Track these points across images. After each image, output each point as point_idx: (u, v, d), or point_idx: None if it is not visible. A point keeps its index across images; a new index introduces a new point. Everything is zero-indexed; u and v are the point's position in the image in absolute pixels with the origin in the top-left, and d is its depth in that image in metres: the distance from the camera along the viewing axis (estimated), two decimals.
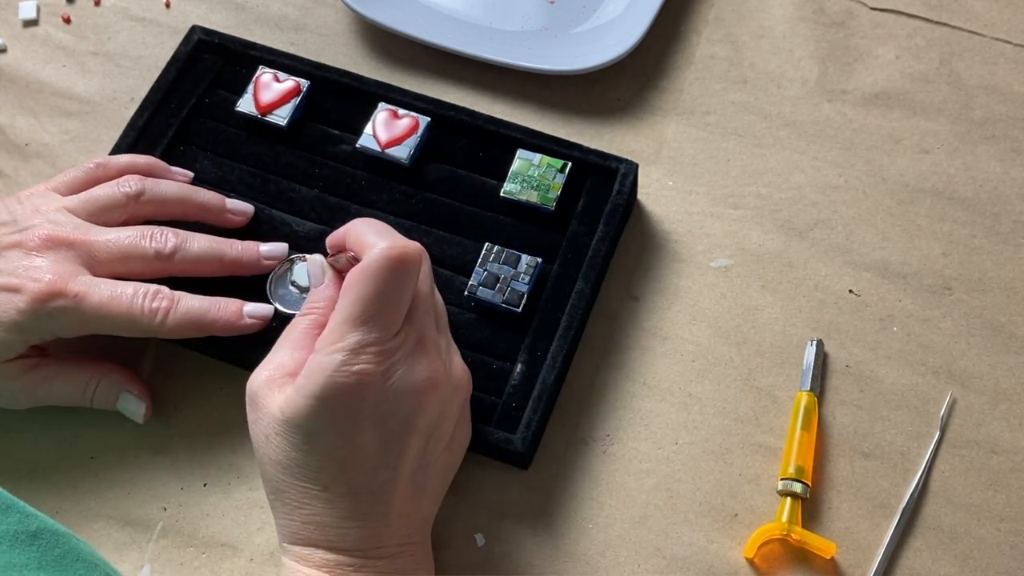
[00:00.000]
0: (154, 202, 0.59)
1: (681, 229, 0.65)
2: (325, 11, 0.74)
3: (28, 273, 0.54)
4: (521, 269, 0.60)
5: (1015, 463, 0.57)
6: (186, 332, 0.56)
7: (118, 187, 0.59)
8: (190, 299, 0.56)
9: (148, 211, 0.59)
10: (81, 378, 0.57)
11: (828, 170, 0.66)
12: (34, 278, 0.54)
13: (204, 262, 0.58)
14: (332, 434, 0.48)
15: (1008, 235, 0.64)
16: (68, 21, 0.73)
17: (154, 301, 0.55)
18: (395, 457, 0.49)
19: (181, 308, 0.56)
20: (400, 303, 0.49)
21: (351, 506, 0.49)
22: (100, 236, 0.57)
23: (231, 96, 0.67)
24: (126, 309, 0.54)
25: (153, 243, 0.57)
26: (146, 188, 0.59)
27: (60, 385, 0.57)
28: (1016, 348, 0.60)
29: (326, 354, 0.48)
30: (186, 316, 0.56)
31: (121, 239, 0.57)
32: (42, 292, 0.53)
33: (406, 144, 0.64)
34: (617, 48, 0.68)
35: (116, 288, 0.55)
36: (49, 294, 0.54)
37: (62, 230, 0.56)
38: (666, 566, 0.55)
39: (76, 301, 0.54)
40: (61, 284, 0.54)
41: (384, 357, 0.48)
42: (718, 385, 0.60)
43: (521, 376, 0.58)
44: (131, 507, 0.58)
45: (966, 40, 0.70)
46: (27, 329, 0.54)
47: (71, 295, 0.54)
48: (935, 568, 0.55)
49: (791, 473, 0.56)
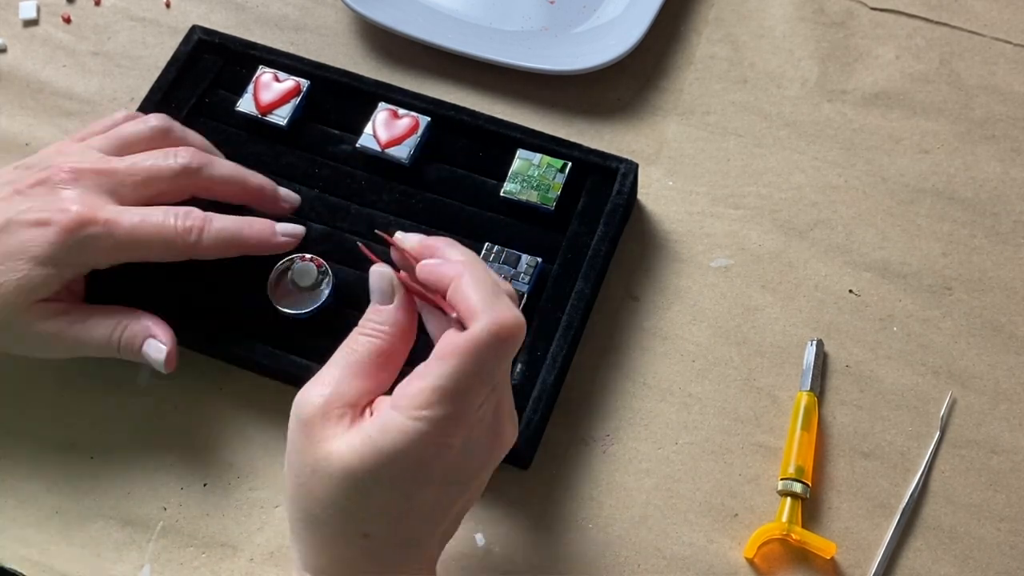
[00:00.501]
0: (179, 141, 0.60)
1: (681, 229, 0.65)
2: (325, 11, 0.74)
3: (56, 205, 0.54)
4: (521, 269, 0.60)
5: (1015, 463, 0.57)
6: (221, 250, 0.56)
7: (143, 123, 0.59)
8: (222, 218, 0.56)
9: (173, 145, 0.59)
10: (110, 321, 0.56)
11: (828, 170, 0.66)
12: (62, 208, 0.54)
13: (228, 183, 0.58)
14: (393, 493, 0.45)
15: (1008, 235, 0.64)
16: (68, 21, 0.74)
17: (187, 220, 0.55)
18: (443, 512, 0.48)
19: (215, 226, 0.56)
20: (494, 379, 0.46)
21: (388, 555, 0.47)
22: (122, 162, 0.57)
23: (231, 96, 0.67)
24: (158, 229, 0.54)
25: (178, 159, 0.57)
26: (173, 126, 0.60)
27: (90, 327, 0.56)
28: (1016, 348, 0.60)
29: (408, 417, 0.44)
30: (221, 233, 0.56)
31: (143, 160, 0.57)
32: (72, 222, 0.53)
33: (406, 144, 0.64)
34: (617, 48, 0.68)
35: (146, 211, 0.55)
36: (79, 223, 0.53)
37: (85, 162, 0.56)
38: (666, 566, 0.55)
39: (107, 227, 0.54)
40: (90, 213, 0.54)
41: (465, 431, 0.46)
42: (718, 385, 0.60)
43: (521, 376, 0.58)
44: (131, 507, 0.58)
45: (966, 40, 0.70)
46: (60, 261, 0.54)
47: (101, 222, 0.54)
48: (935, 568, 0.55)
49: (791, 473, 0.56)
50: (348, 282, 0.60)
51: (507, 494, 0.57)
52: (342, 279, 0.60)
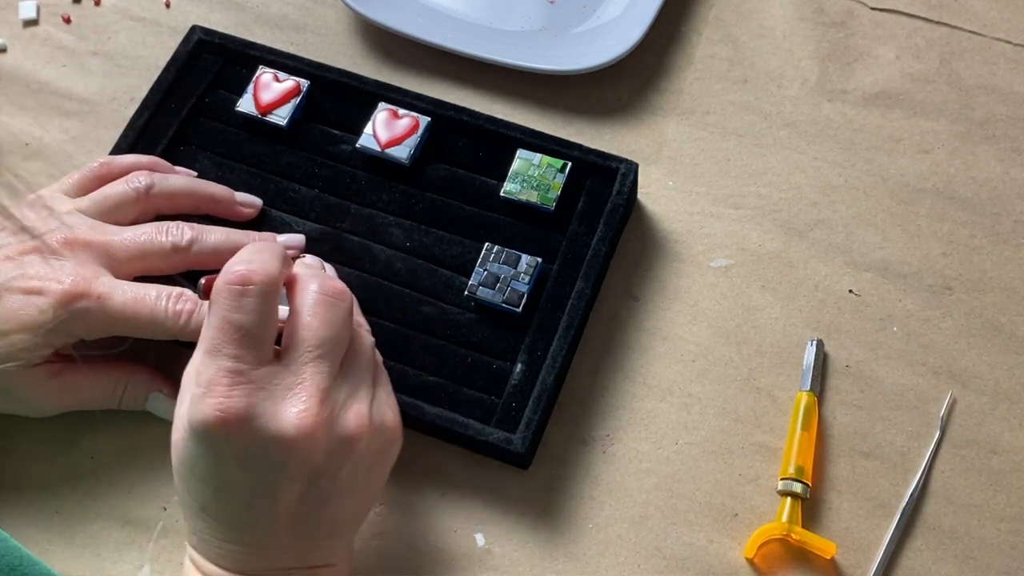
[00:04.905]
0: (164, 195, 0.60)
1: (681, 229, 0.65)
2: (325, 11, 0.74)
3: (50, 275, 0.54)
4: (521, 269, 0.60)
5: (1015, 463, 0.57)
6: None
7: (127, 184, 0.59)
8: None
9: (158, 205, 0.60)
10: (109, 380, 0.57)
11: (828, 170, 0.66)
12: (56, 280, 0.54)
13: (221, 253, 0.58)
14: (203, 464, 0.47)
15: (1008, 235, 0.64)
16: (68, 21, 0.73)
17: (177, 303, 0.55)
18: (266, 498, 0.47)
19: (204, 312, 0.55)
20: (251, 329, 0.47)
21: (226, 531, 0.48)
22: (116, 235, 0.57)
23: (231, 96, 0.67)
24: (149, 311, 0.54)
25: (169, 236, 0.57)
26: (155, 182, 0.59)
27: (88, 388, 0.57)
28: (1016, 348, 0.60)
29: (193, 384, 0.47)
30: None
31: (138, 236, 0.57)
32: (65, 293, 0.53)
33: (406, 144, 0.64)
34: (617, 48, 0.68)
35: (139, 290, 0.55)
36: (72, 295, 0.53)
37: (79, 232, 0.56)
38: (666, 566, 0.55)
39: (100, 302, 0.54)
40: (84, 285, 0.54)
41: (244, 393, 0.46)
42: (718, 385, 0.60)
43: (521, 376, 0.58)
44: (131, 507, 0.58)
45: (966, 40, 0.70)
46: (51, 331, 0.54)
47: (94, 296, 0.54)
48: (935, 568, 0.55)
49: (791, 473, 0.56)
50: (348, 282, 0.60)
51: (507, 494, 0.57)
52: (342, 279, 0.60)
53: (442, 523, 0.56)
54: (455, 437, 0.57)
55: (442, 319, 0.60)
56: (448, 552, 0.56)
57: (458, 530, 0.57)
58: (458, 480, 0.56)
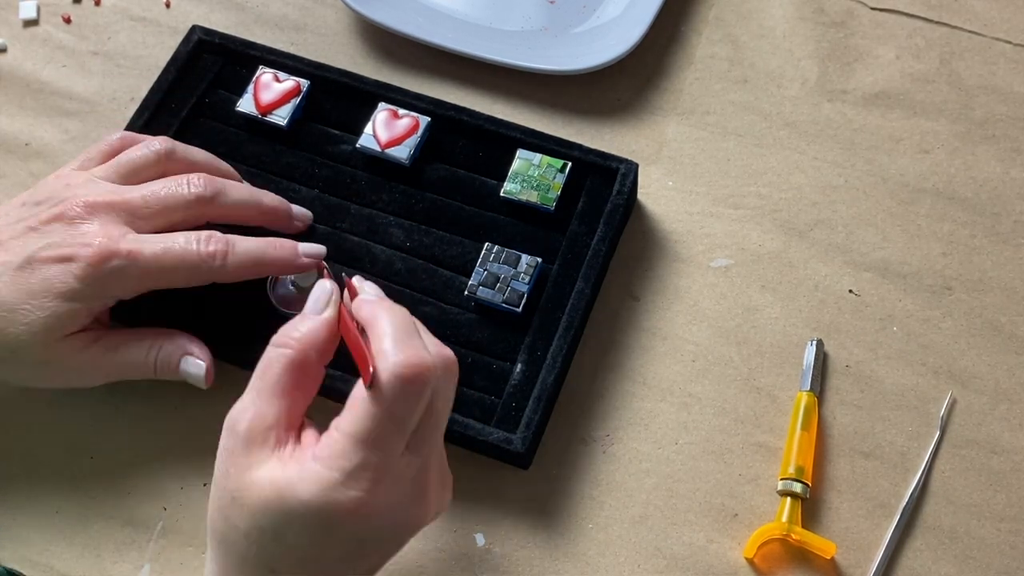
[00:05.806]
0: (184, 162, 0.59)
1: (681, 229, 0.65)
2: (325, 11, 0.74)
3: (77, 240, 0.54)
4: (521, 269, 0.60)
5: (1015, 463, 0.57)
6: (245, 273, 0.56)
7: (147, 147, 0.59)
8: (245, 240, 0.56)
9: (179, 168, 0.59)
10: (144, 344, 0.57)
11: (828, 170, 0.66)
12: (84, 243, 0.53)
13: (243, 207, 0.58)
14: (303, 538, 0.45)
15: (1008, 235, 0.64)
16: (68, 21, 0.74)
17: (209, 244, 0.55)
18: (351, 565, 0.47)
19: (238, 249, 0.55)
20: (407, 426, 0.46)
21: None
22: (136, 192, 0.56)
23: (231, 96, 0.67)
24: (181, 257, 0.54)
25: (192, 188, 0.57)
26: (176, 147, 0.59)
27: (124, 353, 0.56)
28: (1016, 348, 0.60)
29: (325, 467, 0.45)
30: (245, 256, 0.56)
31: (159, 190, 0.56)
32: (95, 255, 0.53)
33: (406, 144, 0.64)
34: (617, 48, 0.68)
35: (167, 239, 0.55)
36: (103, 256, 0.53)
37: (98, 195, 0.56)
38: (666, 566, 0.56)
39: (130, 258, 0.54)
40: (112, 245, 0.54)
41: (380, 484, 0.45)
42: (718, 385, 0.60)
43: (521, 376, 0.58)
44: (131, 507, 0.58)
45: (966, 40, 0.70)
46: (87, 296, 0.54)
47: (124, 253, 0.53)
48: (935, 568, 0.55)
49: (791, 473, 0.56)
50: None
51: (507, 494, 0.57)
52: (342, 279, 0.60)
53: (442, 523, 0.56)
54: (455, 437, 0.57)
55: (442, 319, 0.60)
56: (448, 552, 0.56)
57: (458, 530, 0.57)
58: (458, 480, 0.56)
